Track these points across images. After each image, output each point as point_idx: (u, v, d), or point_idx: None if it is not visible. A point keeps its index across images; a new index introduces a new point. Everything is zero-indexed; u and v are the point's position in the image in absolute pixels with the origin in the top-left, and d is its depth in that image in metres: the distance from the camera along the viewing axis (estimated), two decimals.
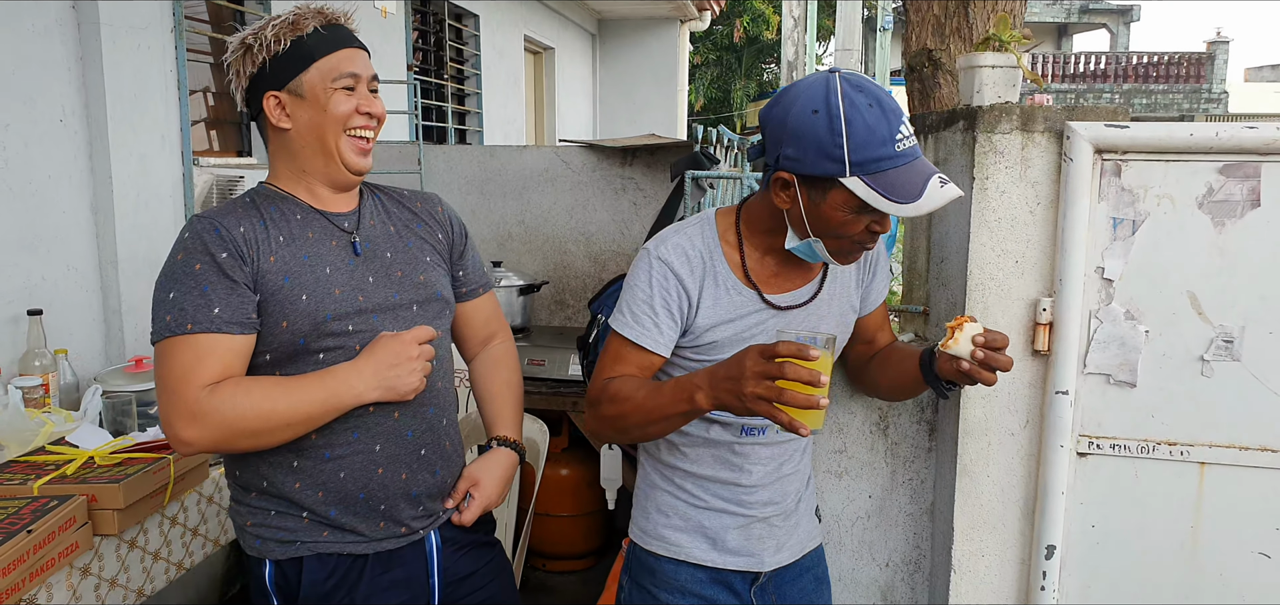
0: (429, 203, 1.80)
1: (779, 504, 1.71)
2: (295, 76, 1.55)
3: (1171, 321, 1.80)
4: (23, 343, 2.61)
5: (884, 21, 11.80)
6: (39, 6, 2.71)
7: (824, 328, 1.60)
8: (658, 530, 1.73)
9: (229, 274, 1.49)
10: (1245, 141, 1.70)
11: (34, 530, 1.77)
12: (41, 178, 2.73)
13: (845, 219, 1.46)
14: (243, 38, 1.58)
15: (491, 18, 6.91)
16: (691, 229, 1.62)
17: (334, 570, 1.60)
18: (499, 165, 4.11)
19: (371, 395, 1.55)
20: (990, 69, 2.02)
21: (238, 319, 1.49)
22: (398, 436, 1.62)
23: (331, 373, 1.54)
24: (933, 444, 2.12)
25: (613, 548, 3.83)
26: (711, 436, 1.66)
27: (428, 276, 1.70)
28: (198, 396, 1.45)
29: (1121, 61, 24.07)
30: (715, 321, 1.57)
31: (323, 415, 1.53)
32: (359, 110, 1.58)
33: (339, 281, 1.58)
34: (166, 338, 1.47)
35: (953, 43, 3.46)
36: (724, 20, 16.73)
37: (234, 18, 3.90)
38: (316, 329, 1.54)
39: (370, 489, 1.60)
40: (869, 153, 1.40)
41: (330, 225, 1.62)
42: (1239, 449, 1.80)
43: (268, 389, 1.50)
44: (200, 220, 1.52)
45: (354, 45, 1.60)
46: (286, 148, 1.61)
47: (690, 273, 1.56)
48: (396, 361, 1.56)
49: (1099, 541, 1.89)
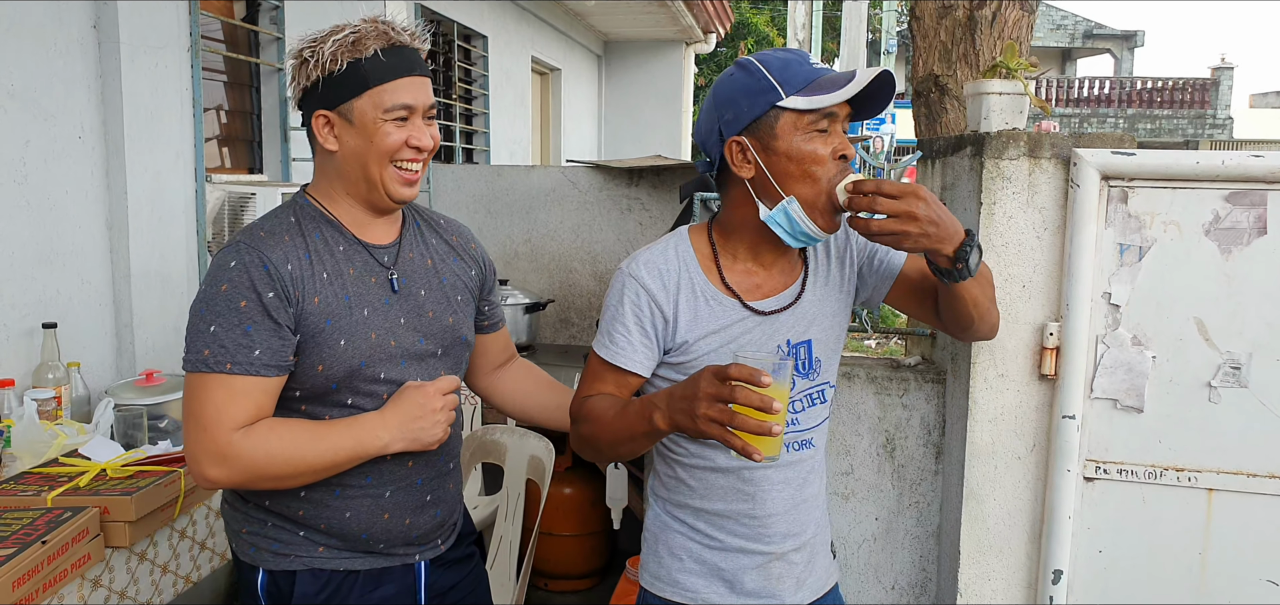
0: (464, 237, 1.78)
1: (798, 536, 1.61)
2: (347, 101, 1.50)
3: (1179, 347, 1.81)
4: (37, 355, 2.63)
5: (888, 45, 11.86)
6: (61, 26, 2.75)
7: (815, 330, 1.55)
8: (671, 575, 1.62)
9: (273, 316, 1.45)
10: (1252, 169, 1.72)
11: (48, 541, 1.78)
12: (59, 193, 2.76)
13: (804, 149, 1.44)
14: (301, 48, 1.53)
15: (499, 39, 6.96)
16: (665, 246, 1.59)
17: (326, 583, 1.59)
18: (506, 185, 4.14)
19: (397, 446, 1.54)
20: (997, 96, 2.04)
21: (277, 361, 1.46)
22: (409, 484, 1.62)
23: (359, 422, 1.53)
24: (939, 467, 2.13)
25: (616, 568, 3.83)
26: (718, 464, 1.56)
27: (456, 319, 1.69)
28: (230, 439, 1.43)
29: (1126, 87, 24.13)
30: (700, 335, 1.52)
31: (347, 462, 1.52)
32: (408, 143, 1.52)
33: (375, 324, 1.56)
34: (203, 372, 1.44)
35: (959, 69, 3.48)
36: (729, 43, 16.80)
37: (249, 37, 3.94)
38: (351, 375, 1.53)
39: (373, 531, 1.60)
40: (792, 73, 1.44)
41: (371, 259, 1.59)
42: (1247, 476, 1.81)
43: (297, 436, 1.48)
44: (248, 250, 1.47)
45: (415, 73, 1.54)
46: (332, 167, 1.57)
47: (662, 289, 1.53)
48: (422, 415, 1.55)
49: (1106, 566, 1.90)
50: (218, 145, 3.80)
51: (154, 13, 3.03)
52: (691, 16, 9.12)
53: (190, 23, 3.23)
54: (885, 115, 10.21)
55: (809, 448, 1.59)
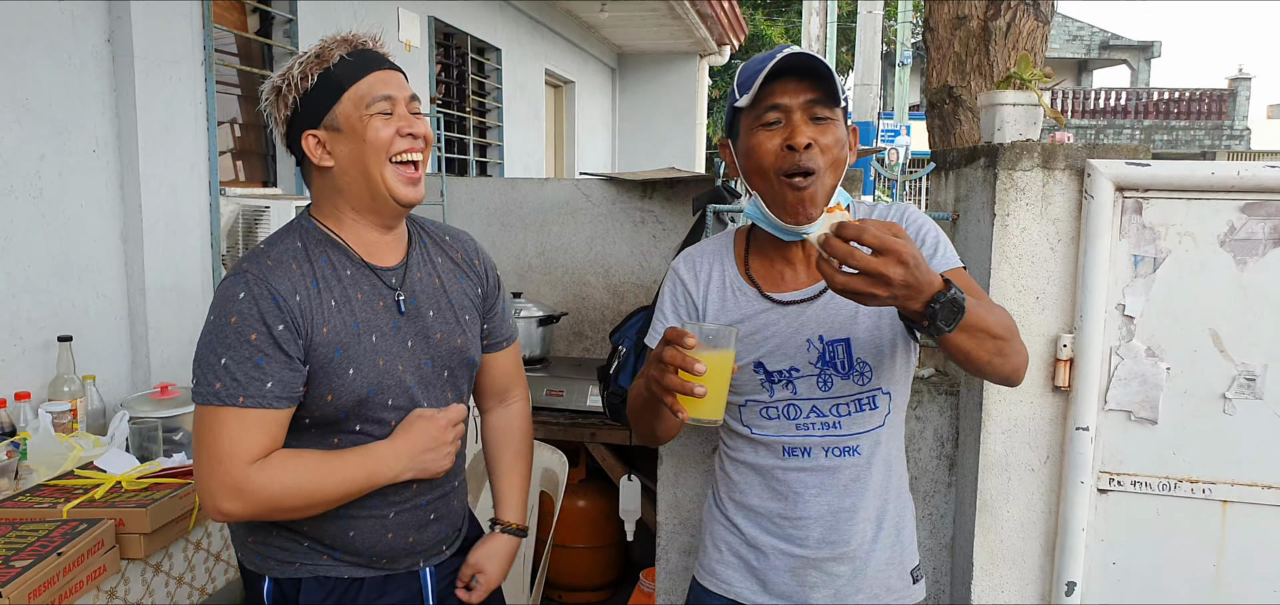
0: (468, 250, 1.77)
1: (838, 546, 1.58)
2: (329, 110, 1.50)
3: (1193, 359, 1.80)
4: (53, 368, 2.65)
5: (903, 56, 11.84)
6: (75, 40, 2.78)
7: (854, 330, 1.53)
8: (711, 564, 1.70)
9: (284, 348, 1.45)
10: (1267, 180, 1.71)
11: (63, 553, 1.79)
12: (74, 207, 2.78)
13: (753, 144, 1.49)
14: (273, 83, 1.54)
15: (513, 52, 6.99)
16: (709, 241, 1.71)
17: (332, 590, 1.61)
18: (520, 197, 4.15)
19: (406, 475, 1.57)
20: (1011, 107, 2.03)
21: (288, 394, 1.46)
22: (413, 505, 1.64)
23: (371, 453, 1.54)
24: (952, 479, 2.12)
25: (630, 580, 3.82)
26: (758, 461, 1.61)
27: (464, 339, 1.69)
28: (245, 473, 1.43)
29: (1142, 98, 24.02)
30: (725, 323, 1.58)
31: (359, 492, 1.54)
32: (400, 133, 1.51)
33: (383, 350, 1.56)
34: (215, 405, 1.43)
35: (973, 80, 3.47)
36: (743, 54, 16.80)
37: (262, 50, 3.97)
38: (360, 404, 1.53)
39: (377, 548, 1.62)
40: (748, 72, 1.49)
41: (379, 282, 1.58)
42: (1262, 488, 1.79)
43: (311, 468, 1.49)
44: (256, 282, 1.46)
45: (384, 66, 1.54)
46: (332, 186, 1.56)
47: (694, 279, 1.65)
48: (431, 446, 1.58)
49: (1120, 579, 1.88)
50: (232, 159, 3.82)
51: (168, 27, 3.06)
52: (705, 29, 9.13)
53: (204, 37, 3.26)
54: (900, 127, 10.15)
55: (853, 455, 1.57)
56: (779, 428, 1.59)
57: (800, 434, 1.57)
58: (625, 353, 2.44)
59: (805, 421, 1.57)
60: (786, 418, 1.58)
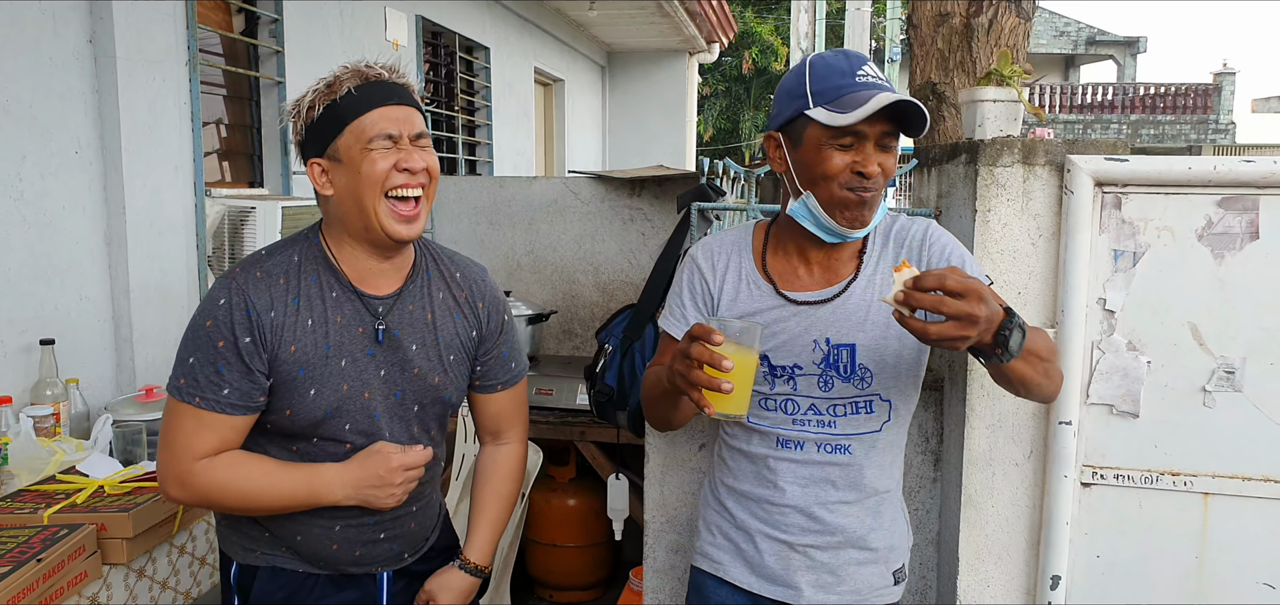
0: (474, 290, 1.75)
1: (823, 536, 1.64)
2: (331, 141, 1.53)
3: (1173, 352, 1.81)
4: (35, 372, 2.64)
5: (892, 53, 11.85)
6: (56, 40, 2.76)
7: (861, 336, 1.56)
8: (704, 546, 1.76)
9: (246, 360, 1.51)
10: (1243, 175, 1.72)
11: (43, 559, 1.79)
12: (56, 208, 2.77)
13: (821, 156, 1.51)
14: (291, 105, 1.59)
15: (502, 50, 6.98)
16: (729, 232, 1.73)
17: (284, 584, 1.67)
18: (508, 196, 4.14)
19: (348, 501, 1.61)
20: (992, 103, 2.04)
21: (244, 402, 1.53)
22: (360, 523, 1.66)
23: (317, 473, 1.59)
24: (938, 474, 2.13)
25: (619, 579, 3.82)
26: (751, 449, 1.67)
27: (442, 379, 1.68)
28: (190, 467, 1.52)
29: (1129, 93, 24.09)
30: (736, 315, 1.61)
31: (300, 507, 1.60)
32: (397, 168, 1.52)
33: (350, 376, 1.58)
34: (175, 399, 1.53)
35: (956, 76, 3.48)
36: (733, 52, 16.84)
37: (248, 51, 3.96)
38: (315, 424, 1.58)
39: (324, 556, 1.66)
40: (828, 83, 1.50)
41: (362, 308, 1.60)
42: (1242, 480, 1.80)
43: (254, 474, 1.56)
44: (236, 292, 1.53)
45: (392, 102, 1.54)
46: (332, 212, 1.59)
47: (711, 268, 1.68)
48: (379, 484, 1.60)
49: (1104, 572, 1.89)
50: (218, 159, 3.81)
51: (151, 27, 3.05)
52: (694, 27, 9.13)
53: (188, 37, 3.25)
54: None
55: (844, 453, 1.62)
56: (775, 420, 1.64)
57: (795, 428, 1.63)
58: (612, 351, 2.45)
59: (802, 417, 1.62)
60: (784, 411, 1.63)
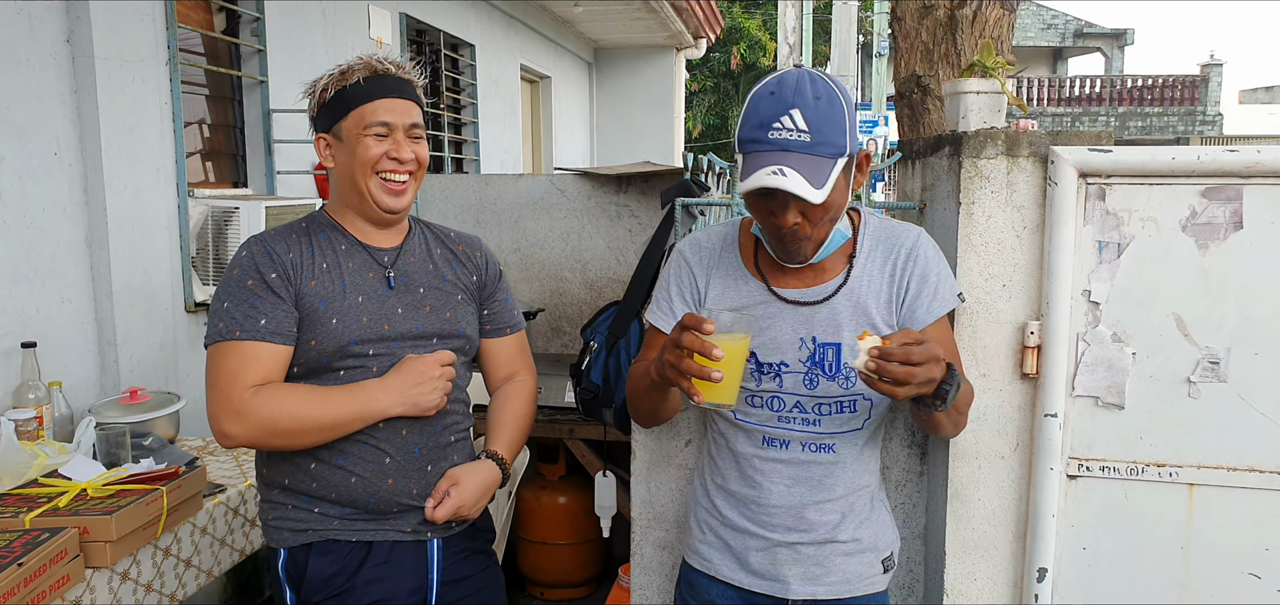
0: (470, 245, 1.96)
1: (803, 531, 1.66)
2: (337, 122, 1.74)
3: (1158, 343, 1.80)
4: (16, 375, 2.62)
5: (880, 47, 11.87)
6: (32, 41, 2.74)
7: (847, 337, 1.58)
8: (694, 543, 1.78)
9: (276, 291, 1.68)
10: (1226, 164, 1.72)
11: (25, 563, 1.77)
12: (36, 210, 2.75)
13: (750, 202, 1.52)
14: (309, 83, 1.79)
15: (487, 47, 6.95)
16: (715, 227, 1.74)
17: (338, 558, 1.74)
18: (494, 193, 4.13)
19: (396, 409, 1.72)
20: (975, 95, 2.04)
21: (281, 331, 1.68)
22: (405, 451, 1.76)
23: (361, 387, 1.71)
24: (924, 468, 2.12)
25: (609, 576, 3.82)
26: (737, 448, 1.68)
27: (454, 314, 1.85)
28: (243, 396, 1.63)
29: (1116, 85, 24.18)
30: (724, 309, 1.59)
31: (351, 423, 1.70)
32: (388, 155, 1.73)
33: (368, 310, 1.75)
34: (218, 342, 1.67)
35: (941, 69, 3.48)
36: (721, 47, 16.84)
37: (230, 50, 3.93)
38: (340, 350, 1.71)
39: (381, 495, 1.74)
40: (744, 133, 1.49)
41: (371, 258, 1.80)
42: (1228, 470, 1.80)
43: (304, 396, 1.68)
44: (257, 242, 1.74)
45: (394, 95, 1.74)
46: (334, 183, 1.82)
47: (699, 261, 1.69)
48: (420, 381, 1.73)
49: (1090, 563, 1.89)
50: (201, 160, 3.78)
51: (129, 26, 3.02)
52: (681, 23, 9.12)
53: (168, 36, 3.22)
54: (877, 118, 10.17)
55: (828, 452, 1.64)
56: (762, 417, 1.65)
57: (781, 426, 1.64)
58: (597, 348, 2.44)
59: (788, 415, 1.63)
60: (769, 408, 1.64)
